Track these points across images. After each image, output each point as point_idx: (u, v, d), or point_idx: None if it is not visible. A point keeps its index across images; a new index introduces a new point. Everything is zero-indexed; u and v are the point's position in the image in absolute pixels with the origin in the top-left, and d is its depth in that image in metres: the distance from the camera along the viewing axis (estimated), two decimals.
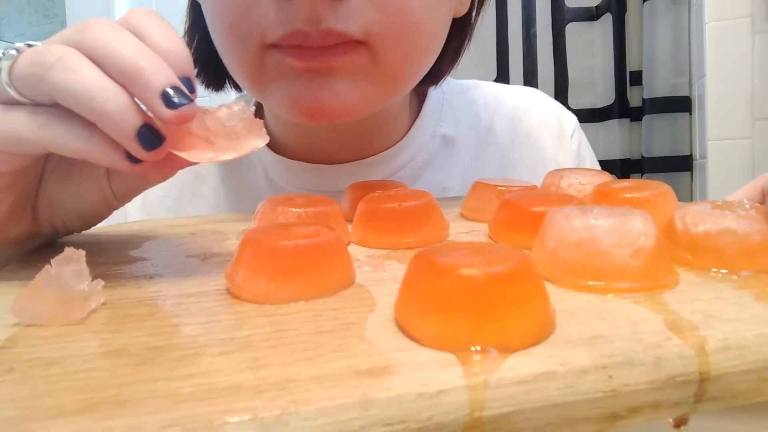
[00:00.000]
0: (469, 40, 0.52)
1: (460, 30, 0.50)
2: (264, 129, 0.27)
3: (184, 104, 0.24)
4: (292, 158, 0.51)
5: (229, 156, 0.26)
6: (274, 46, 0.37)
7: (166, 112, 0.24)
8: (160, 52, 0.25)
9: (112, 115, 0.24)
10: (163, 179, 0.32)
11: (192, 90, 0.26)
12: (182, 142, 0.26)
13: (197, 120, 0.25)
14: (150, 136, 0.24)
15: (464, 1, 0.46)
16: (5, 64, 0.25)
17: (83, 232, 0.37)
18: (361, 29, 0.36)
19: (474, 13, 0.50)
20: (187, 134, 0.26)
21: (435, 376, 0.16)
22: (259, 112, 0.53)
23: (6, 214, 0.29)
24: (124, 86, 0.24)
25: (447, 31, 0.44)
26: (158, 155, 0.25)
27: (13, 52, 0.25)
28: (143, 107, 0.25)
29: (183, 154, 0.26)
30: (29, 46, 0.25)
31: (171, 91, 0.24)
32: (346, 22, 0.35)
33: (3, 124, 0.25)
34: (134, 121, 0.24)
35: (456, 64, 0.52)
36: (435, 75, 0.50)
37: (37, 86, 0.25)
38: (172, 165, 0.27)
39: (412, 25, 0.37)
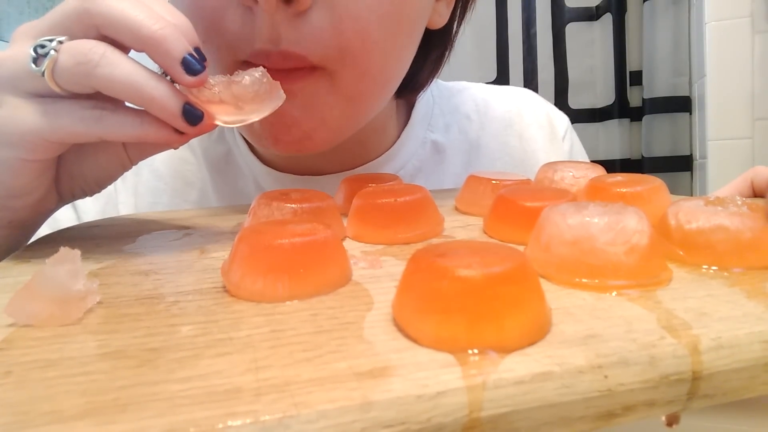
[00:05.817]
0: (449, 51, 0.51)
1: (439, 41, 0.49)
2: (281, 88, 0.30)
3: (200, 71, 0.27)
4: (280, 170, 0.50)
5: (257, 117, 0.30)
6: (246, 62, 0.36)
7: (187, 78, 0.27)
8: None
9: (160, 100, 0.27)
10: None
11: (204, 59, 0.28)
12: (215, 110, 0.29)
13: (226, 89, 0.28)
14: (192, 112, 0.28)
15: (443, 13, 0.45)
16: (48, 63, 0.26)
17: (75, 225, 0.38)
18: (320, 56, 0.35)
19: (455, 25, 0.49)
20: (218, 103, 0.28)
21: (434, 377, 0.16)
22: None
23: (43, 194, 0.32)
24: (143, 52, 0.27)
25: (415, 46, 0.42)
26: (201, 129, 0.28)
27: (51, 51, 0.26)
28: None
29: (218, 122, 0.29)
30: (60, 42, 0.27)
31: (190, 59, 0.27)
32: (305, 46, 0.34)
33: (63, 121, 0.27)
34: (178, 102, 0.27)
35: (437, 74, 0.51)
36: (414, 87, 0.50)
37: (83, 82, 0.27)
38: (204, 129, 0.29)
39: (368, 45, 0.36)
